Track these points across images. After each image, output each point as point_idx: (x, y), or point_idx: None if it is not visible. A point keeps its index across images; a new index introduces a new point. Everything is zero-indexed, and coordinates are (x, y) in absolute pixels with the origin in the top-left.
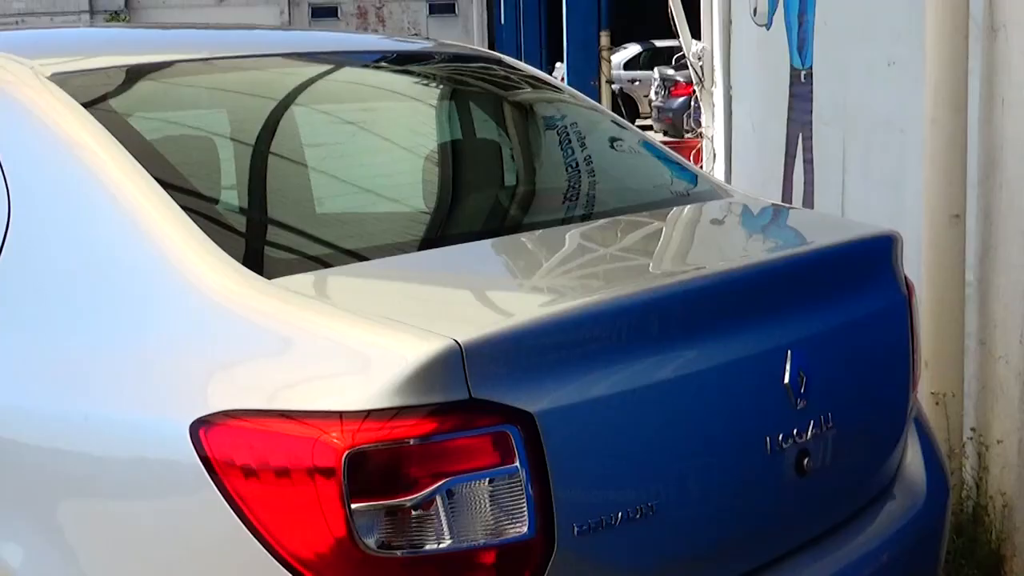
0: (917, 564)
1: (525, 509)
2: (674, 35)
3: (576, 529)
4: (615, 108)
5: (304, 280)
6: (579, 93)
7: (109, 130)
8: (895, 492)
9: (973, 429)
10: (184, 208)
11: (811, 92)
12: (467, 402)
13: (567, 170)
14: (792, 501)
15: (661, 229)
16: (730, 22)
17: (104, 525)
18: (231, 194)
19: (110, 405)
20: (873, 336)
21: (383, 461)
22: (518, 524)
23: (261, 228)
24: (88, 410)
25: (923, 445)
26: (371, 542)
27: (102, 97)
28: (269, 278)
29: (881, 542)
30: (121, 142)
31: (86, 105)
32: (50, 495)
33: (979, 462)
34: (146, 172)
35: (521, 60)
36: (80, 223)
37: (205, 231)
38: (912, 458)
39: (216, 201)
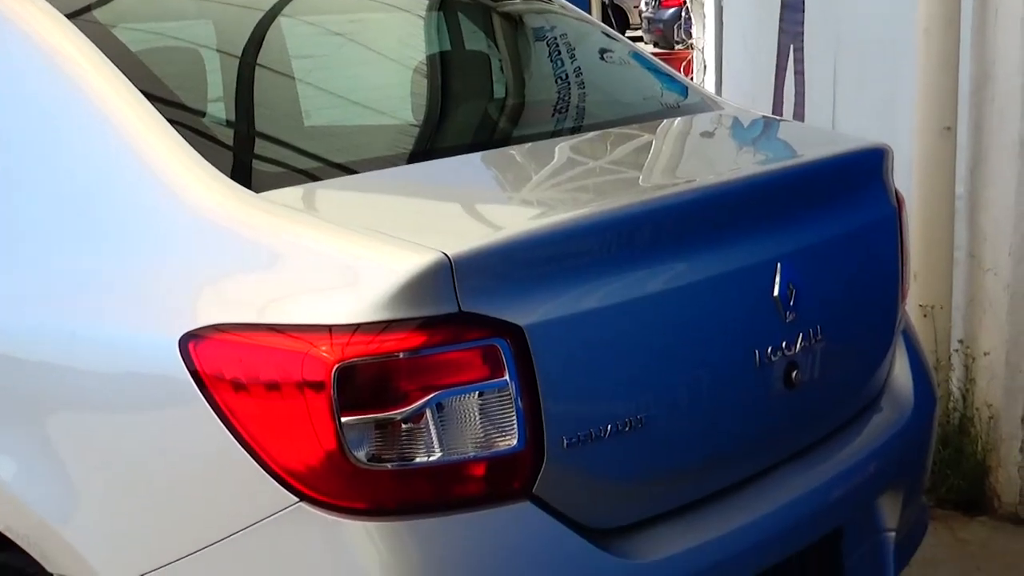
0: (903, 475)
1: (514, 422)
2: None
3: (565, 442)
4: (605, 19)
5: (293, 194)
6: (569, 4)
7: (93, 41)
8: (882, 404)
9: (960, 341)
10: (170, 121)
11: (802, 3)
12: (456, 315)
13: (557, 82)
14: (780, 413)
15: (651, 142)
16: None
17: (95, 439)
18: (218, 107)
19: (99, 321)
20: (863, 249)
21: (373, 375)
22: (507, 437)
23: (249, 141)
24: (77, 326)
25: (911, 357)
26: (361, 455)
27: (85, 8)
28: (257, 192)
29: (868, 453)
30: (105, 53)
31: (69, 16)
32: (42, 410)
33: (966, 374)
34: (131, 84)
35: None
36: (64, 138)
37: (192, 145)
38: (900, 370)
39: (203, 114)
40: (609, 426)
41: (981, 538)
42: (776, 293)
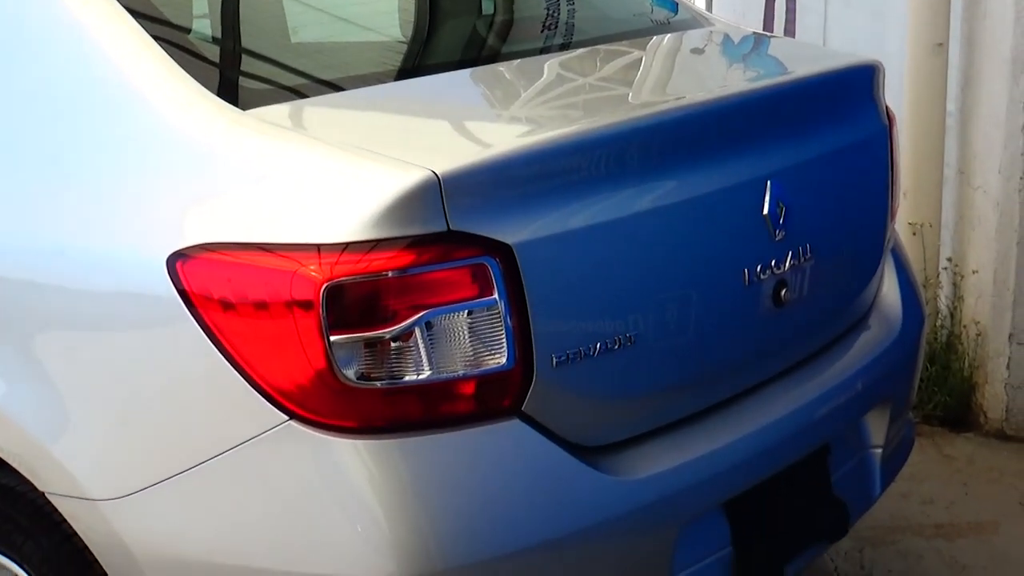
0: (891, 392)
1: (504, 340)
2: None
3: (554, 360)
4: None
5: (280, 111)
6: None
7: None
8: (871, 322)
9: (949, 259)
10: (156, 38)
11: None
12: (445, 234)
13: None
14: (769, 332)
15: (641, 59)
16: None
17: (84, 358)
18: (204, 24)
19: (87, 239)
20: (853, 166)
21: (361, 294)
22: (497, 355)
23: (235, 58)
24: (64, 245)
25: (899, 275)
26: (350, 373)
27: None
28: (244, 109)
29: (856, 371)
30: None
31: None
32: (30, 329)
33: (954, 292)
34: (116, 2)
35: None
36: (50, 57)
37: (178, 62)
38: (888, 288)
39: (188, 31)
40: (598, 344)
41: (967, 454)
42: (766, 211)
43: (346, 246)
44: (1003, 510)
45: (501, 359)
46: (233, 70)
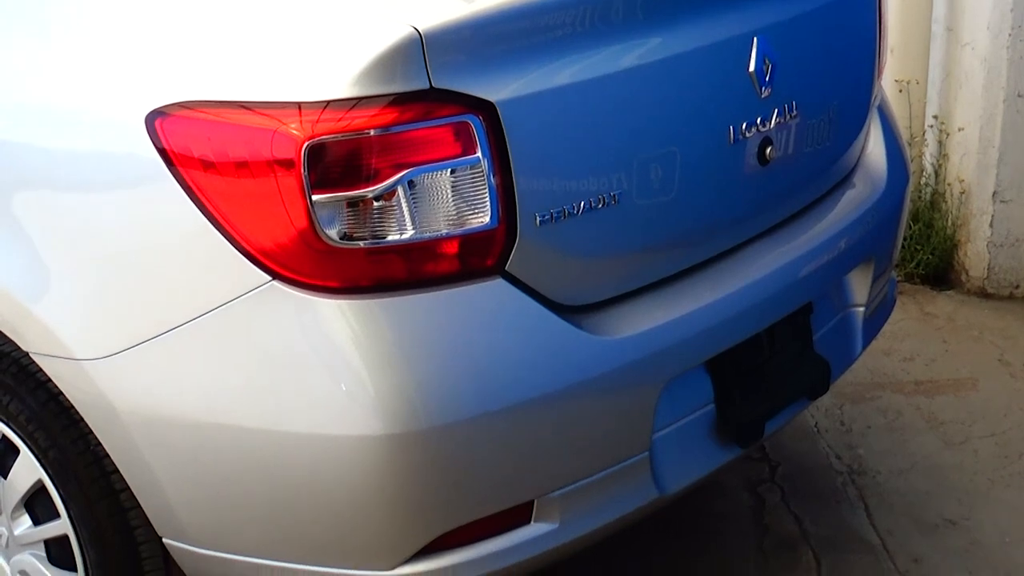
0: (874, 250)
1: (487, 199)
2: None
3: (538, 219)
4: None
5: None
6: None
7: None
8: (855, 180)
9: (935, 117)
10: None
11: None
12: (427, 92)
13: None
14: (753, 190)
15: None
16: None
17: (64, 218)
18: None
19: (64, 97)
20: (840, 23)
21: (343, 152)
22: (480, 214)
23: None
24: (42, 104)
25: (885, 133)
26: (333, 233)
27: None
28: None
29: (840, 229)
30: None
31: None
32: (9, 190)
33: (939, 149)
34: None
35: None
36: None
37: None
38: (874, 146)
39: None
40: (582, 203)
41: (948, 312)
42: (752, 68)
43: (327, 104)
44: (982, 367)
45: (484, 218)
46: None
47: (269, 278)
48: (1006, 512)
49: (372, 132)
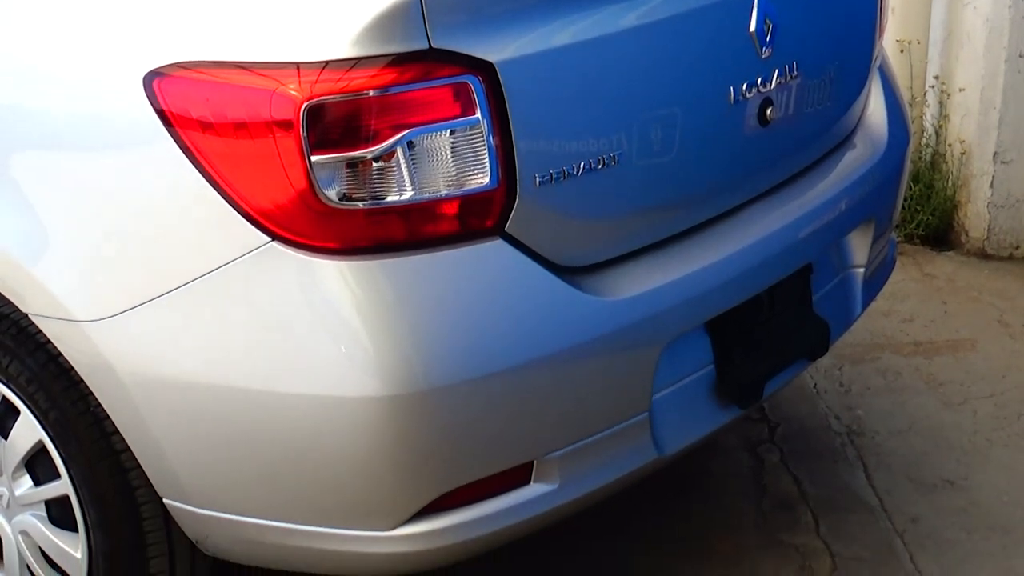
0: (874, 211)
1: (487, 160)
2: None
3: (538, 180)
4: None
5: None
6: None
7: None
8: (856, 141)
9: (936, 77)
10: None
11: None
12: (427, 52)
13: None
14: (754, 151)
15: None
16: None
17: (63, 180)
18: None
19: (62, 58)
20: None
21: (342, 113)
22: (480, 175)
23: None
24: (40, 64)
25: (886, 94)
26: (332, 194)
27: None
28: None
29: (840, 191)
30: None
31: None
32: (8, 152)
33: (940, 110)
34: None
35: None
36: None
37: None
38: (874, 107)
39: None
40: (582, 164)
41: (947, 272)
42: (752, 28)
43: (326, 64)
44: (981, 328)
45: (484, 179)
46: None
47: (268, 239)
48: (1004, 472)
49: (371, 93)
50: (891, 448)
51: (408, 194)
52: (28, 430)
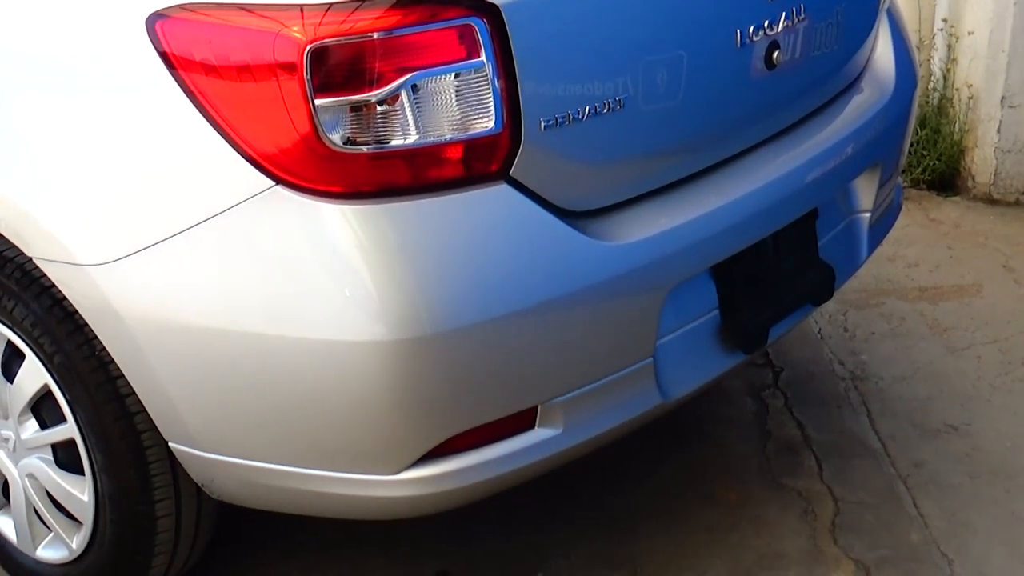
0: (881, 156)
1: (491, 104)
2: None
3: (543, 124)
4: None
5: None
6: None
7: None
8: (863, 85)
9: (945, 20)
10: None
11: None
12: None
13: None
14: (760, 95)
15: None
16: None
17: (66, 124)
18: None
19: (64, 0)
20: None
21: (346, 56)
22: (484, 119)
23: None
24: (42, 6)
25: (894, 37)
26: (336, 138)
27: None
28: None
29: (846, 135)
30: None
31: None
32: (10, 95)
33: (948, 54)
34: None
35: None
36: None
37: None
38: (882, 50)
39: None
40: (587, 108)
41: (953, 218)
42: None
43: (329, 6)
44: (986, 273)
45: (489, 123)
46: None
47: (272, 183)
48: (1008, 418)
49: (375, 35)
50: (895, 393)
51: (412, 138)
52: (33, 374)
